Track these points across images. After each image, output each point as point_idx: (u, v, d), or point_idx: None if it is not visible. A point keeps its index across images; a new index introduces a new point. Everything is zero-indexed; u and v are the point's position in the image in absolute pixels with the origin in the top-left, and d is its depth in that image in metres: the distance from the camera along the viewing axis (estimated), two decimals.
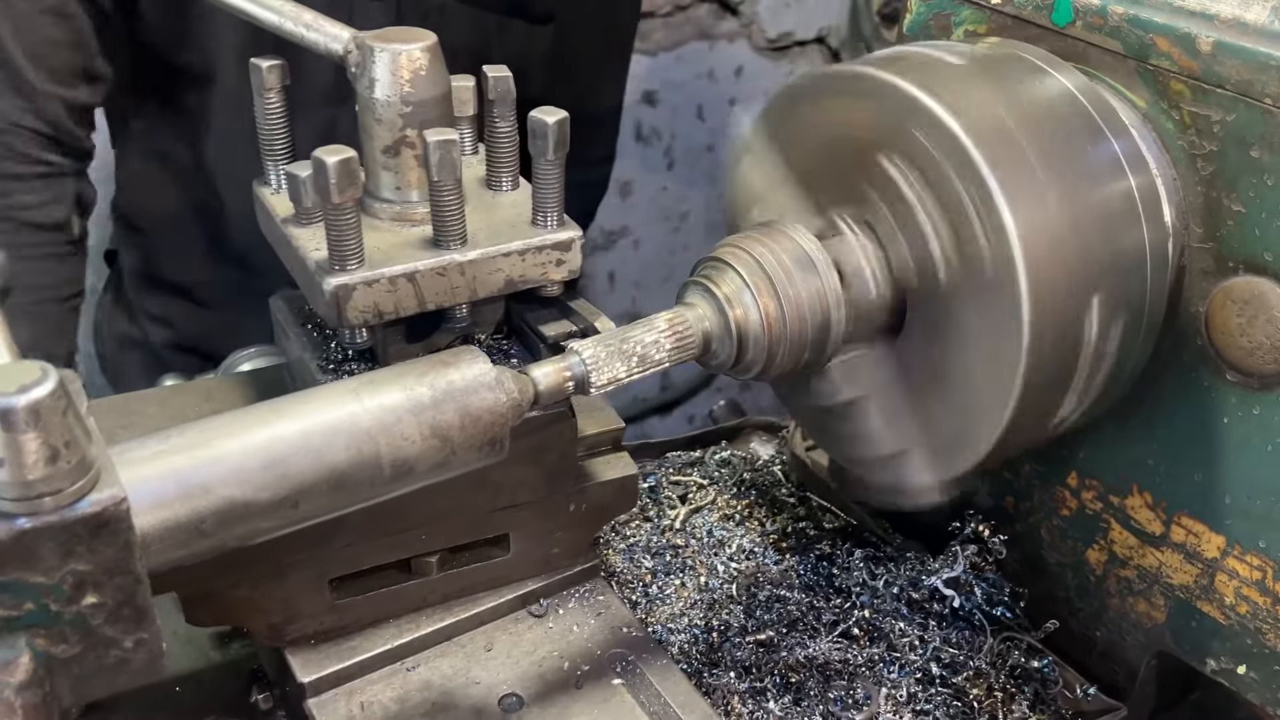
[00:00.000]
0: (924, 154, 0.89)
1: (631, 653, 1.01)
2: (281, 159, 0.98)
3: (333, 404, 0.74)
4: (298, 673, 0.95)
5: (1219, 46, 0.88)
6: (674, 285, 0.95)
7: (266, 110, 0.97)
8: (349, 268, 0.87)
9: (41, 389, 0.56)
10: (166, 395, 1.04)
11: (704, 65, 3.39)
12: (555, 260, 0.95)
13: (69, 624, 0.62)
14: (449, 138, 0.87)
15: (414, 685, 0.96)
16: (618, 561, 1.17)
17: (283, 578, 0.94)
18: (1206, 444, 0.97)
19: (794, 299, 0.91)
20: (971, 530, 1.11)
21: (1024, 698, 1.06)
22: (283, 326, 1.01)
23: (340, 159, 0.83)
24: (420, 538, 0.97)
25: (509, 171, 0.99)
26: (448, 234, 0.90)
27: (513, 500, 0.99)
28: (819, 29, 3.52)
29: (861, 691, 1.04)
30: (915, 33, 1.12)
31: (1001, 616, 1.10)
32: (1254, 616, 0.97)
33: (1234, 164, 0.90)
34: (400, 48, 0.91)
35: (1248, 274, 0.91)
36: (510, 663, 0.99)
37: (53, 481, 0.58)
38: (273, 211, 0.96)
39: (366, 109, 0.92)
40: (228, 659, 1.05)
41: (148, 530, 0.66)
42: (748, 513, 1.25)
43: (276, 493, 0.71)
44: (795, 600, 1.11)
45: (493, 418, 0.78)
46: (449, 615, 1.01)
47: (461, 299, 0.92)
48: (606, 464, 1.04)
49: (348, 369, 0.95)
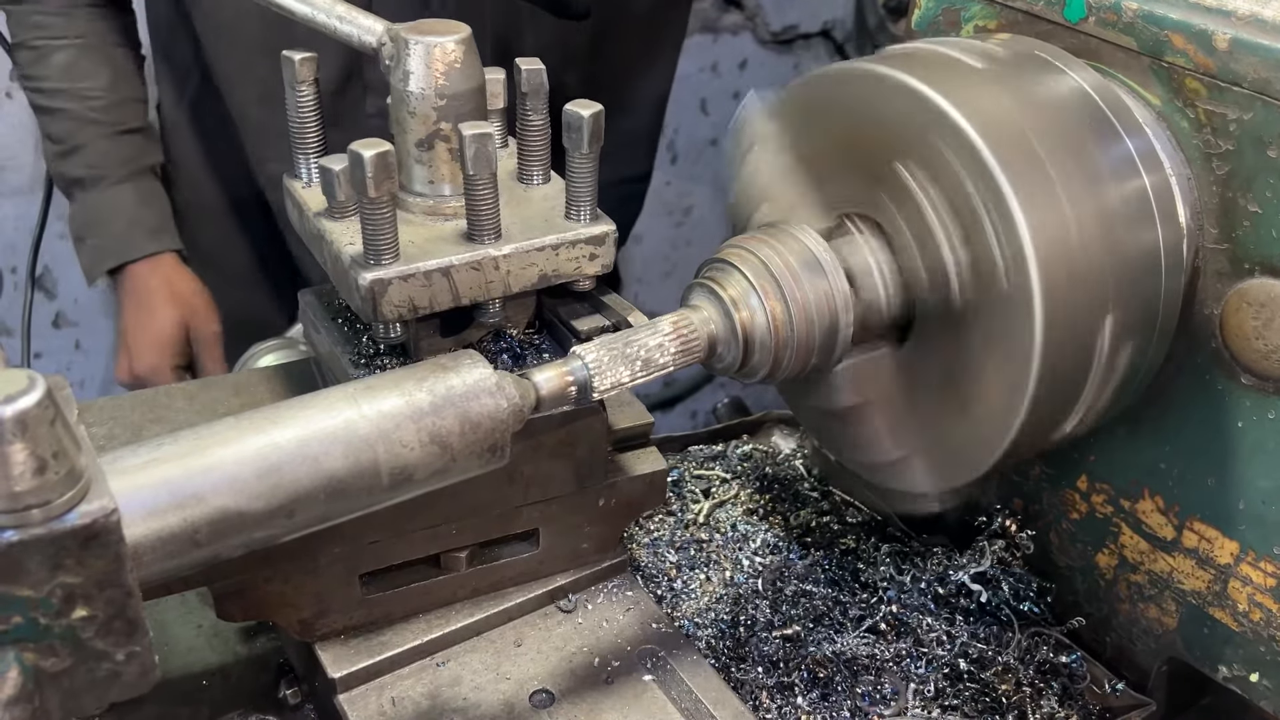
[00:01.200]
0: (941, 162, 0.88)
1: (662, 648, 1.00)
2: (314, 152, 0.98)
3: (330, 411, 0.73)
4: (328, 668, 0.94)
5: (1236, 43, 0.87)
6: (677, 281, 0.95)
7: (299, 104, 0.96)
8: (384, 262, 0.87)
9: (28, 399, 0.55)
10: (195, 389, 1.03)
11: (708, 58, 3.39)
12: (589, 255, 0.95)
13: (58, 637, 0.60)
14: (485, 131, 0.86)
15: (444, 680, 0.96)
16: (642, 556, 1.17)
17: (315, 572, 0.93)
18: (1220, 448, 0.95)
19: (801, 302, 0.90)
20: (999, 525, 1.11)
21: (1052, 693, 1.06)
22: (313, 321, 1.01)
23: (377, 152, 0.82)
24: (450, 532, 0.97)
25: (541, 165, 0.99)
26: (482, 228, 0.90)
27: (543, 495, 0.99)
28: (824, 22, 3.52)
29: (889, 686, 1.04)
30: (924, 28, 1.10)
31: (1029, 611, 1.10)
32: (1268, 624, 0.95)
33: (1250, 163, 0.88)
34: (434, 40, 0.91)
35: (1264, 276, 0.89)
36: (540, 658, 0.99)
37: (41, 493, 0.56)
38: (304, 205, 0.96)
39: (400, 102, 0.92)
40: (254, 653, 1.05)
41: (139, 541, 0.64)
42: (771, 507, 1.25)
43: (271, 502, 0.69)
44: (821, 595, 1.11)
45: (493, 424, 0.77)
46: (478, 610, 1.00)
47: (496, 294, 0.92)
48: (636, 459, 1.04)
49: (380, 364, 0.94)
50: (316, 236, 0.93)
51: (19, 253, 2.33)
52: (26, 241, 2.10)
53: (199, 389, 1.04)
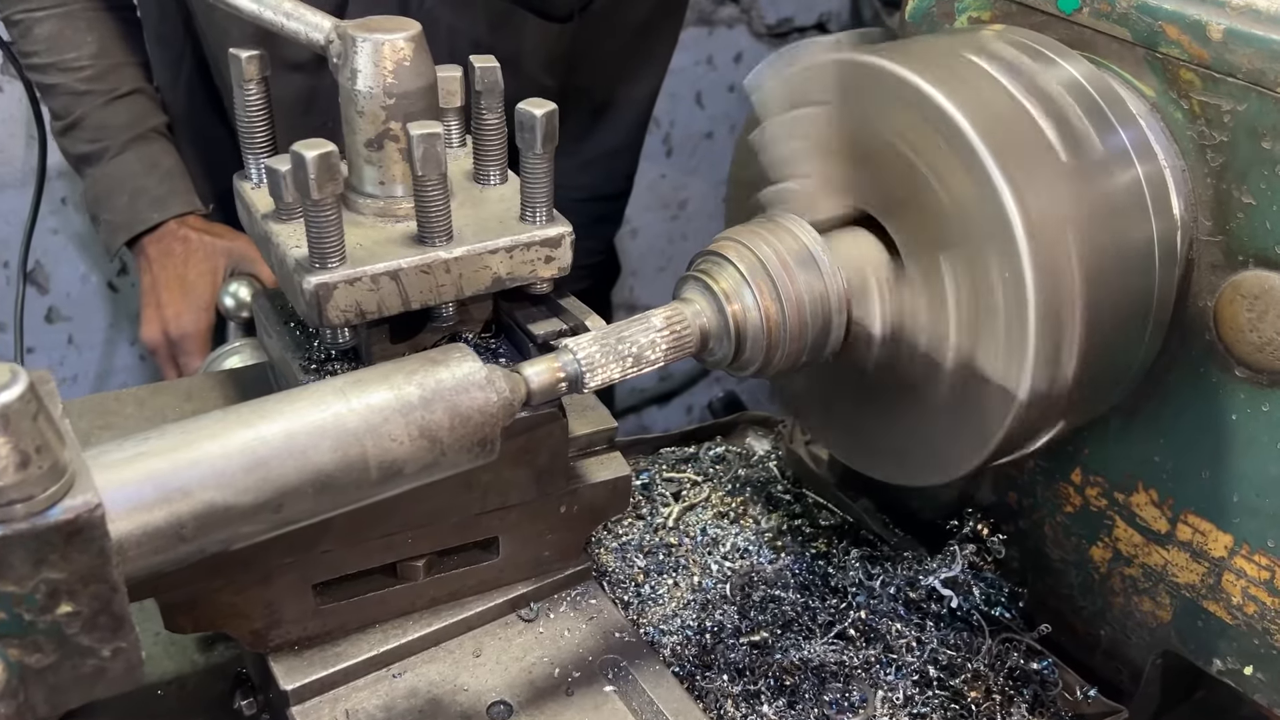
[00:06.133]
0: (923, 136, 0.87)
1: (624, 658, 0.99)
2: (263, 152, 0.96)
3: (318, 404, 0.72)
4: (281, 680, 0.92)
5: (1230, 34, 0.86)
6: (671, 274, 0.94)
7: (247, 102, 0.94)
8: (330, 265, 0.85)
9: (10, 392, 0.54)
10: (145, 395, 1.01)
11: (703, 51, 3.36)
12: (545, 257, 0.93)
13: (43, 633, 0.60)
14: (433, 131, 0.84)
15: (400, 692, 0.94)
16: (610, 560, 1.15)
17: (267, 582, 0.92)
18: (1214, 441, 0.95)
19: (795, 299, 0.89)
20: (970, 529, 1.09)
21: (1023, 700, 1.04)
22: (265, 325, 0.99)
23: (320, 153, 0.80)
24: (407, 541, 0.95)
25: (497, 165, 0.97)
26: (432, 230, 0.88)
27: (502, 502, 0.97)
28: (819, 15, 3.49)
29: (857, 694, 1.02)
30: (918, 20, 1.09)
31: (1000, 617, 1.08)
32: (1262, 617, 0.95)
33: (1245, 155, 0.87)
34: (383, 37, 0.88)
35: (1258, 268, 0.89)
36: (499, 669, 0.97)
37: (23, 488, 0.56)
38: (253, 207, 0.94)
39: (349, 101, 0.90)
40: (211, 663, 1.04)
41: (124, 536, 0.64)
42: (742, 510, 1.23)
43: (259, 496, 0.69)
44: (790, 600, 1.09)
45: (483, 418, 0.76)
46: (437, 620, 0.99)
47: (447, 297, 0.90)
48: (599, 464, 1.02)
49: (330, 369, 0.92)
50: (264, 239, 0.92)
51: (11, 247, 2.32)
52: (18, 235, 2.09)
53: (149, 394, 1.02)
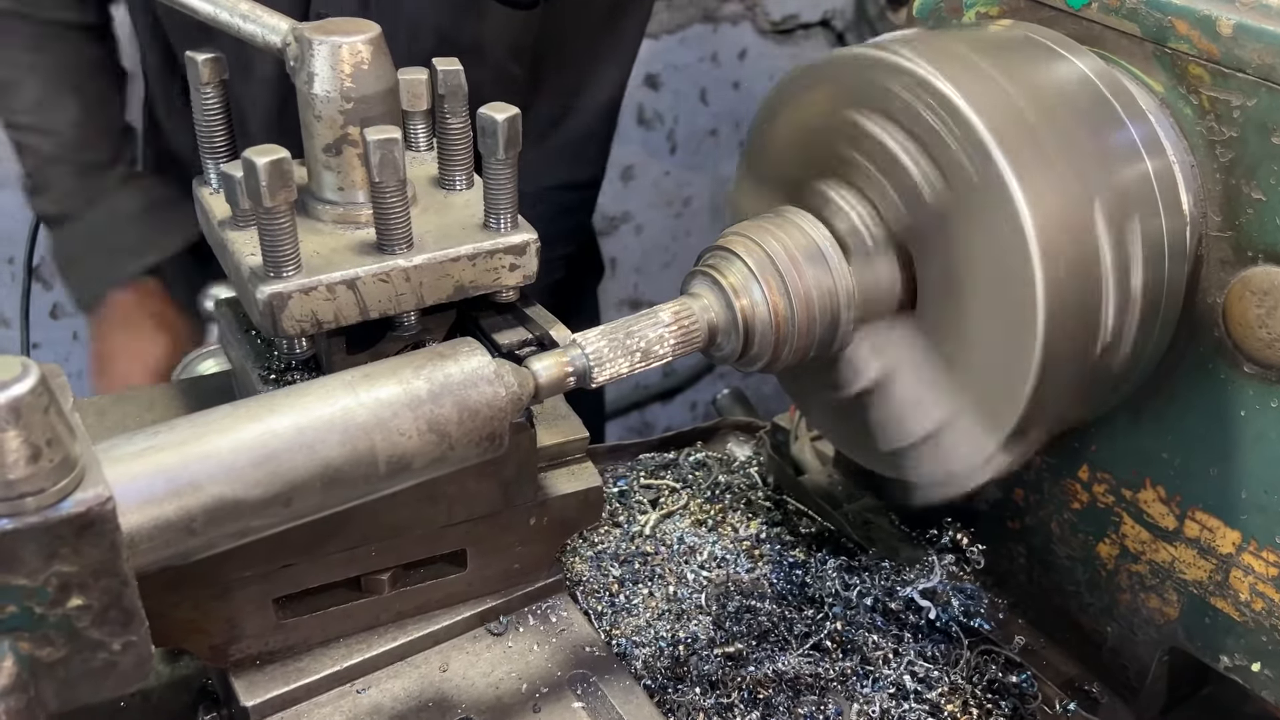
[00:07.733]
0: (895, 102, 0.87)
1: (593, 673, 0.97)
2: (221, 157, 0.94)
3: (327, 398, 0.72)
4: (241, 696, 0.91)
5: (1240, 29, 0.86)
6: (676, 271, 0.92)
7: (204, 106, 0.92)
8: (285, 274, 0.83)
9: (21, 385, 0.55)
10: (107, 405, 1.00)
11: (707, 48, 3.34)
12: (509, 265, 0.91)
13: (54, 627, 0.60)
14: (390, 136, 0.82)
15: (364, 709, 0.93)
16: (584, 570, 1.13)
17: (226, 596, 0.90)
18: (1222, 437, 0.94)
19: (803, 294, 0.89)
20: (949, 539, 1.07)
21: (1001, 713, 1.02)
22: (226, 333, 0.97)
23: (271, 159, 0.78)
24: (370, 554, 0.93)
25: (462, 169, 0.95)
26: (392, 238, 0.86)
27: (468, 514, 0.95)
28: (824, 11, 3.47)
29: (833, 707, 1.00)
30: (925, 15, 1.09)
31: (979, 628, 1.05)
32: (1269, 613, 0.94)
33: (1254, 151, 0.87)
34: (340, 40, 0.86)
35: (1267, 264, 0.88)
36: (466, 684, 0.95)
37: (35, 481, 0.56)
38: (210, 213, 0.92)
39: (306, 105, 0.88)
40: (176, 675, 1.02)
41: (135, 530, 0.64)
42: (721, 518, 1.21)
43: (268, 490, 0.69)
44: (766, 611, 1.08)
45: (491, 412, 0.76)
46: (402, 634, 0.97)
47: (407, 306, 0.88)
48: (569, 475, 1.00)
49: (290, 379, 0.90)
50: (220, 246, 0.90)
51: (16, 243, 2.30)
52: (23, 232, 2.07)
53: (111, 404, 1.00)
